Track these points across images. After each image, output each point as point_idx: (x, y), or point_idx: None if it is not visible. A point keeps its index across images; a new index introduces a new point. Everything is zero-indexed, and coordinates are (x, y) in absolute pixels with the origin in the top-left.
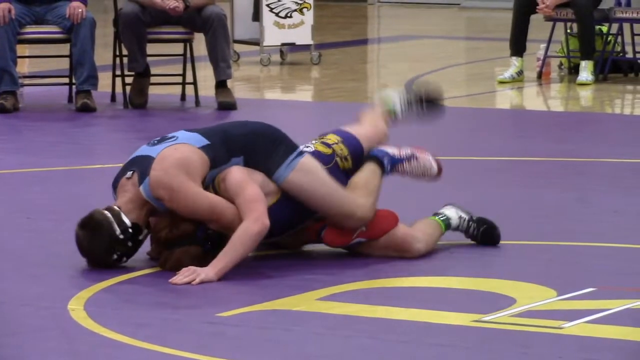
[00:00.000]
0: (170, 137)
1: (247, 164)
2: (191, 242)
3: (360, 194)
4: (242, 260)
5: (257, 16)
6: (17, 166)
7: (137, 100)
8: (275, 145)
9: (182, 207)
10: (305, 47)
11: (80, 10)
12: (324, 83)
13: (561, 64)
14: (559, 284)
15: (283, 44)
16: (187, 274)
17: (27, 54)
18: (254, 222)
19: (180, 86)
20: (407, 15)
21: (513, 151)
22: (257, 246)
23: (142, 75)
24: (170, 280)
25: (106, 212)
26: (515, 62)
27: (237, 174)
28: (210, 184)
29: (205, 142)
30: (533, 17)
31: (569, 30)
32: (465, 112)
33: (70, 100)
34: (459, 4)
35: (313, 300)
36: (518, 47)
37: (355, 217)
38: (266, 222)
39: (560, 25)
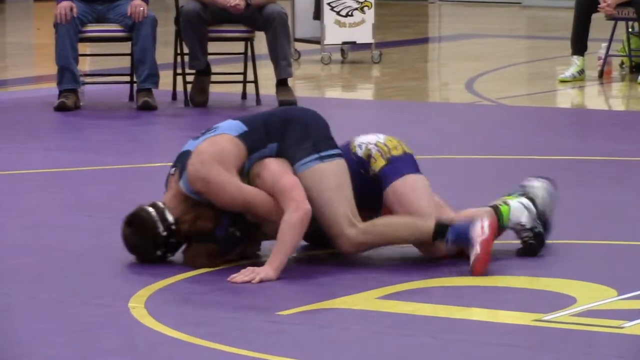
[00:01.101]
0: (213, 128)
1: (279, 152)
2: (209, 240)
3: (363, 228)
4: (294, 250)
5: (318, 15)
6: (77, 164)
7: (198, 98)
8: (305, 139)
9: (219, 199)
10: (366, 46)
11: (141, 8)
12: (385, 82)
13: (622, 63)
14: (619, 283)
15: (344, 43)
16: (246, 274)
17: (88, 52)
18: (295, 211)
19: (241, 85)
20: (468, 13)
21: (574, 150)
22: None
23: (203, 74)
24: (229, 278)
25: (150, 209)
26: (577, 61)
27: (272, 167)
28: (246, 176)
29: (243, 128)
30: (594, 16)
31: (630, 29)
32: (526, 111)
33: (131, 98)
34: (520, 3)
35: (373, 299)
36: (579, 46)
37: (337, 240)
38: (307, 207)
39: (621, 24)
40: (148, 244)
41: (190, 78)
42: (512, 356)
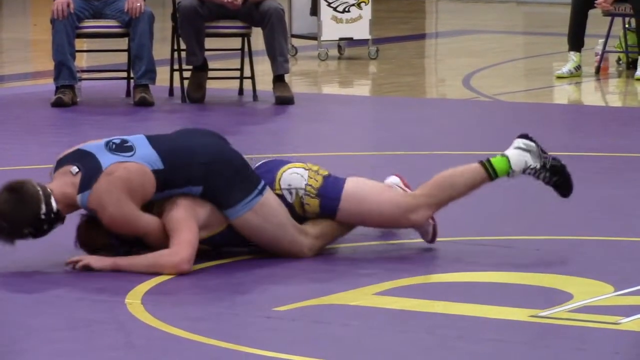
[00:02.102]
0: (128, 147)
1: (205, 194)
2: (107, 250)
3: (315, 232)
4: (134, 270)
5: (314, 11)
6: None
7: (195, 94)
8: (236, 180)
9: (113, 227)
10: (363, 42)
11: (138, 4)
12: (382, 78)
13: (619, 59)
14: (616, 279)
15: (341, 39)
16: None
17: (85, 48)
18: (175, 257)
19: (238, 80)
20: (465, 10)
21: (570, 146)
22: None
23: (200, 70)
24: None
25: (39, 188)
26: (573, 57)
27: (179, 212)
28: (152, 205)
29: (160, 166)
30: (591, 12)
31: (627, 25)
32: (523, 107)
33: (128, 94)
34: None
35: (370, 295)
36: (576, 42)
37: (298, 256)
38: (185, 268)
39: (618, 20)
40: (21, 217)
41: (187, 74)
42: (509, 352)
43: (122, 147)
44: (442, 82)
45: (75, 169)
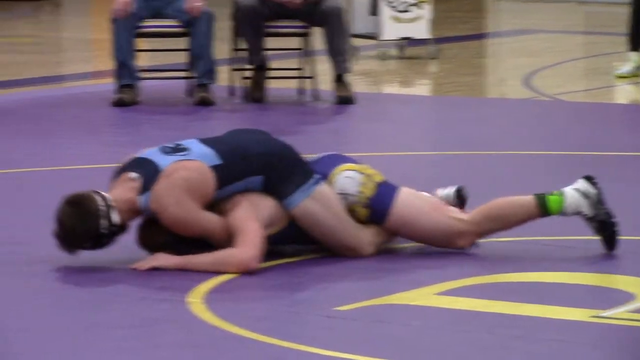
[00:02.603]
0: (183, 149)
1: (266, 184)
2: (166, 249)
3: (373, 229)
4: (199, 269)
5: (375, 10)
6: None
7: (255, 94)
8: (293, 168)
9: (175, 227)
10: (423, 41)
11: (198, 4)
12: (442, 77)
13: None
14: None
15: (401, 38)
16: (148, 260)
17: (145, 48)
18: (243, 255)
19: (298, 80)
20: (525, 9)
21: (631, 146)
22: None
23: (261, 69)
24: (132, 265)
25: (100, 202)
26: (633, 57)
27: (242, 212)
28: (214, 204)
29: (217, 161)
30: None
31: None
32: (583, 107)
33: (188, 94)
34: None
35: (431, 295)
36: (636, 42)
37: (355, 252)
38: (253, 266)
39: None
40: (82, 232)
41: (247, 74)
42: (569, 352)
43: (177, 149)
44: (502, 81)
45: (134, 174)
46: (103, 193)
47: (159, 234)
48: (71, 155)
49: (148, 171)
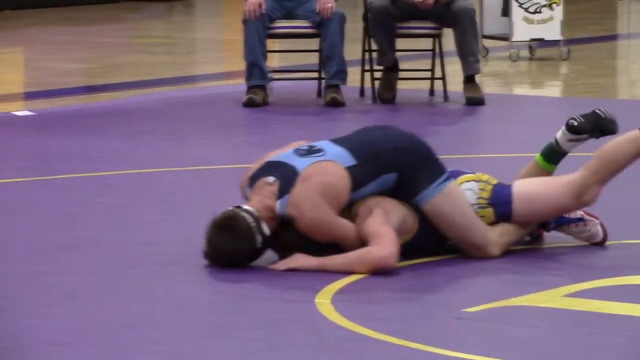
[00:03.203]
0: (318, 150)
1: (399, 181)
2: (291, 249)
3: (499, 230)
4: (342, 272)
5: (506, 11)
6: None
7: (386, 95)
8: (426, 163)
9: (310, 232)
10: (555, 43)
11: (330, 5)
12: (573, 79)
13: None
14: None
15: (532, 40)
16: (286, 262)
17: (277, 49)
18: (382, 252)
19: (428, 81)
20: None
21: None
22: None
23: (391, 70)
24: (271, 266)
25: (249, 218)
26: None
27: (376, 219)
28: (347, 209)
29: (352, 162)
30: None
31: None
32: None
33: (319, 94)
34: None
35: (559, 297)
36: None
37: (483, 251)
38: (392, 262)
39: None
40: (241, 254)
41: (378, 74)
42: None
43: (312, 151)
44: (634, 83)
45: (271, 178)
46: (246, 207)
47: (284, 235)
48: (202, 156)
49: (285, 175)
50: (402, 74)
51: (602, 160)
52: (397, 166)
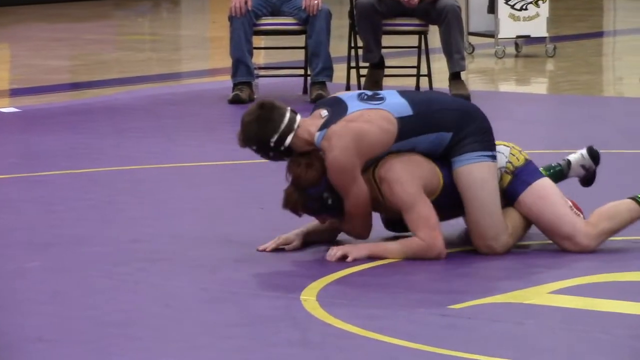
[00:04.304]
0: (379, 98)
1: (451, 142)
2: (301, 190)
3: (511, 225)
4: (384, 256)
5: (492, 8)
6: (250, 157)
7: None
8: (482, 133)
9: (330, 171)
10: (540, 40)
11: (316, 1)
12: (559, 76)
13: None
14: None
15: (518, 37)
16: (338, 252)
17: (262, 45)
18: (424, 241)
19: (414, 78)
20: None
21: None
22: None
23: (377, 67)
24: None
25: (286, 120)
26: None
27: (410, 187)
28: (369, 170)
29: (408, 112)
30: None
31: None
32: None
33: (305, 91)
34: None
35: (545, 294)
36: None
37: (489, 241)
38: (444, 253)
39: None
40: (252, 134)
41: (364, 71)
42: None
43: (373, 97)
44: (619, 80)
45: (325, 112)
46: (297, 115)
47: (300, 200)
48: (188, 152)
49: (337, 112)
50: (388, 71)
51: (604, 215)
52: (456, 126)
